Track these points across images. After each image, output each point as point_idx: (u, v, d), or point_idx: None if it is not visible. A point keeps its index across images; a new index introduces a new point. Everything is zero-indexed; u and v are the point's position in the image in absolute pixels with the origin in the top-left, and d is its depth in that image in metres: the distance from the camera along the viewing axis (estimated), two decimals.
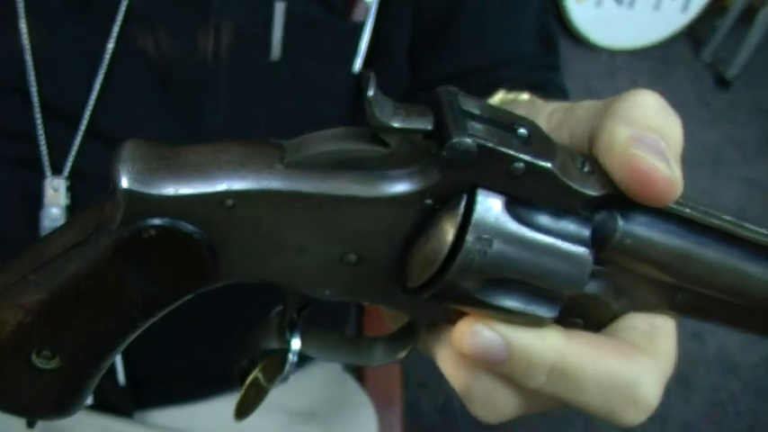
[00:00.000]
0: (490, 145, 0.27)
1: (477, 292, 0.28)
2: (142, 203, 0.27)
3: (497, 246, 0.28)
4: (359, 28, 0.60)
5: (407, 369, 1.72)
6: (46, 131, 0.55)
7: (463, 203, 0.28)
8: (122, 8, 0.53)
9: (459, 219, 0.28)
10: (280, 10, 0.56)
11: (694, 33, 2.68)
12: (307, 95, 0.59)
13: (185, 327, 0.61)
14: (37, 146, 0.55)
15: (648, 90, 0.31)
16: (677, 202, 0.31)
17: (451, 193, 0.28)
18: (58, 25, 0.54)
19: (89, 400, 0.59)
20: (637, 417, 0.31)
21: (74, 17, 0.53)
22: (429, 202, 0.28)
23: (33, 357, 0.30)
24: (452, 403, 1.71)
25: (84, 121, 0.55)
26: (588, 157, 0.30)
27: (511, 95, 0.53)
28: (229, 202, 0.27)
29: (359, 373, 0.85)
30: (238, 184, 0.27)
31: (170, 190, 0.27)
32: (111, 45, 0.53)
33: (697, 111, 2.52)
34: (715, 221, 0.31)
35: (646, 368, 0.30)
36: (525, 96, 0.51)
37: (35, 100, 0.54)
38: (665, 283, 0.32)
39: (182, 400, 0.68)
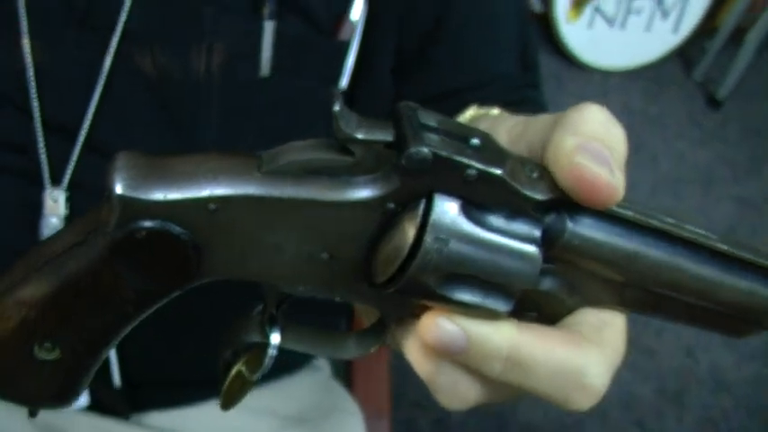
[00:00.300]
0: (444, 154, 0.30)
1: (436, 287, 0.31)
2: (135, 207, 0.29)
3: (453, 245, 0.30)
4: (345, 47, 0.62)
5: (402, 388, 1.74)
6: (46, 145, 0.58)
7: (422, 207, 0.31)
8: (119, 27, 0.56)
9: (418, 221, 0.31)
10: (269, 30, 0.58)
11: (685, 54, 2.71)
12: (295, 111, 0.62)
13: (180, 331, 0.64)
14: (37, 158, 0.58)
15: (595, 104, 0.33)
16: (621, 206, 0.33)
17: (411, 197, 0.31)
18: (58, 43, 0.56)
19: (86, 401, 0.62)
20: (585, 402, 0.33)
21: (74, 35, 0.56)
22: (391, 205, 0.31)
23: (36, 349, 0.33)
24: (447, 421, 1.73)
25: (83, 135, 0.58)
26: (539, 165, 0.32)
27: (482, 111, 0.56)
28: (212, 206, 0.30)
29: (349, 386, 0.87)
30: (220, 190, 0.29)
31: (159, 195, 0.29)
32: (108, 62, 0.56)
33: (688, 130, 2.55)
34: (656, 223, 0.34)
35: (592, 357, 0.33)
36: (495, 111, 0.54)
37: (36, 114, 0.57)
38: (614, 280, 0.34)
39: (177, 403, 0.70)
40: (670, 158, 2.45)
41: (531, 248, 0.32)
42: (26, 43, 0.56)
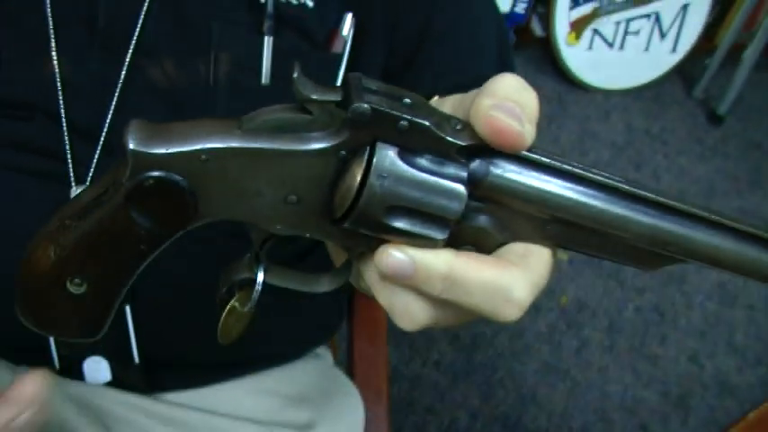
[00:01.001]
0: (380, 108, 0.37)
1: (382, 218, 0.38)
2: (144, 160, 0.37)
3: (392, 182, 0.38)
4: (338, 58, 0.70)
5: (415, 396, 1.81)
6: (71, 148, 0.66)
7: (366, 153, 0.38)
8: (133, 42, 0.64)
9: (363, 164, 0.38)
10: (268, 44, 0.67)
11: (685, 72, 2.79)
12: None
13: (196, 315, 0.72)
14: (65, 161, 0.66)
15: (511, 73, 0.41)
16: (539, 153, 0.40)
17: (358, 146, 0.38)
18: (81, 59, 0.65)
19: (108, 376, 0.70)
20: (511, 314, 0.40)
21: (95, 51, 0.65)
22: (343, 153, 0.38)
23: (68, 284, 0.41)
24: (458, 423, 1.79)
25: (103, 139, 0.66)
26: (462, 120, 0.40)
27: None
28: (204, 157, 0.37)
29: (349, 370, 0.95)
30: (209, 144, 0.37)
31: (162, 149, 0.37)
32: (123, 73, 0.65)
33: (690, 146, 2.62)
34: (567, 167, 0.40)
35: (517, 277, 0.40)
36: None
37: (63, 122, 0.65)
38: (536, 217, 0.41)
39: (194, 384, 0.78)
40: (672, 174, 2.51)
41: (457, 186, 0.39)
42: (54, 59, 0.65)
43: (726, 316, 2.15)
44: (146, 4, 0.64)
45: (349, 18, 0.70)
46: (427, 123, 0.38)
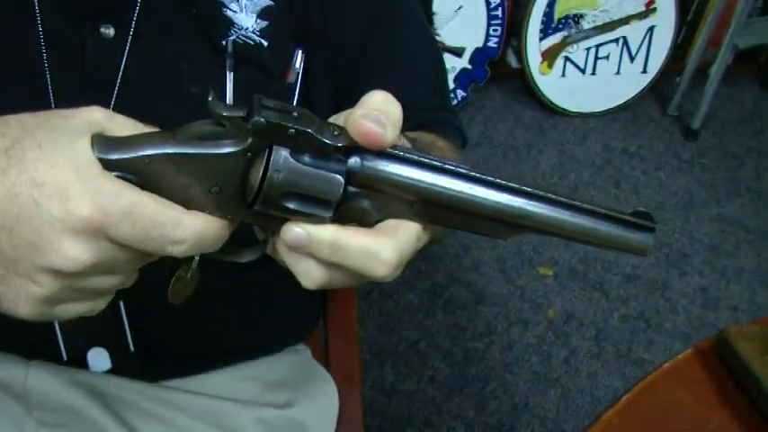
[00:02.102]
0: (274, 120, 0.48)
1: (281, 201, 0.49)
2: (105, 164, 0.47)
3: (285, 175, 0.49)
4: (292, 87, 0.82)
5: (412, 410, 1.91)
6: None
7: (266, 154, 0.49)
8: (118, 82, 0.77)
9: (264, 162, 0.49)
10: (230, 78, 0.79)
11: (659, 91, 2.92)
12: None
13: (187, 307, 0.83)
14: None
15: (380, 90, 0.51)
16: (400, 150, 0.51)
17: (260, 148, 0.49)
18: (73, 97, 0.75)
19: (107, 365, 0.82)
20: (382, 271, 0.49)
21: (85, 92, 0.74)
22: (249, 154, 0.49)
23: None
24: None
25: None
26: (340, 127, 0.51)
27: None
28: (146, 160, 0.48)
29: (325, 364, 1.06)
30: (150, 151, 0.48)
31: (116, 156, 0.48)
32: (111, 107, 0.77)
33: (668, 161, 2.73)
34: (424, 159, 0.52)
35: (385, 242, 0.50)
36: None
37: None
38: (403, 198, 0.52)
39: (187, 372, 0.89)
40: (651, 188, 2.62)
41: (336, 176, 0.50)
42: (51, 98, 0.77)
43: (710, 318, 2.24)
44: (126, 51, 0.77)
45: (300, 54, 0.83)
46: (309, 130, 0.49)
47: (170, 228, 0.48)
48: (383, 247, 0.50)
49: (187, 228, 0.49)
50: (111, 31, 0.74)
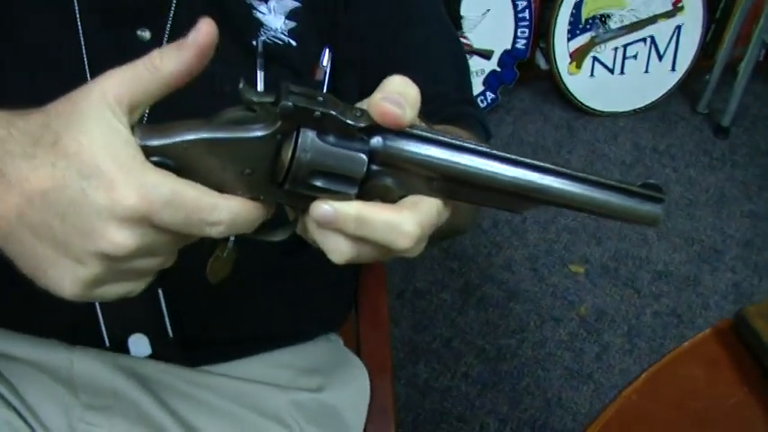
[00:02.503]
0: (301, 104, 0.51)
1: (309, 180, 0.53)
2: (145, 150, 0.51)
3: (313, 154, 0.52)
4: (320, 84, 0.85)
5: (446, 407, 1.94)
6: None
7: (294, 135, 0.52)
8: None
9: (293, 143, 0.52)
10: (260, 76, 0.83)
11: (689, 89, 2.92)
12: None
13: (224, 292, 0.87)
14: None
15: (398, 75, 0.54)
16: (419, 129, 0.54)
17: (288, 131, 0.52)
18: None
19: (147, 350, 0.86)
20: (405, 243, 0.53)
21: None
22: (279, 137, 0.52)
23: None
24: (488, 428, 1.92)
25: None
26: (362, 109, 0.54)
27: None
28: (185, 145, 0.52)
29: (357, 351, 1.10)
30: (187, 137, 0.52)
31: (156, 142, 0.52)
32: None
33: (698, 158, 2.73)
34: (441, 138, 0.55)
35: (407, 216, 0.53)
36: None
37: None
38: (423, 175, 0.55)
39: (223, 358, 0.93)
40: (681, 185, 2.63)
41: (359, 155, 0.53)
42: None
43: None
44: None
45: (327, 52, 0.87)
46: (334, 113, 0.52)
47: (207, 212, 0.51)
48: (405, 220, 0.53)
49: (223, 210, 0.52)
50: (147, 34, 0.78)
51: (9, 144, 0.49)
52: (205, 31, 0.51)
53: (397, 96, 0.53)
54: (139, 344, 0.87)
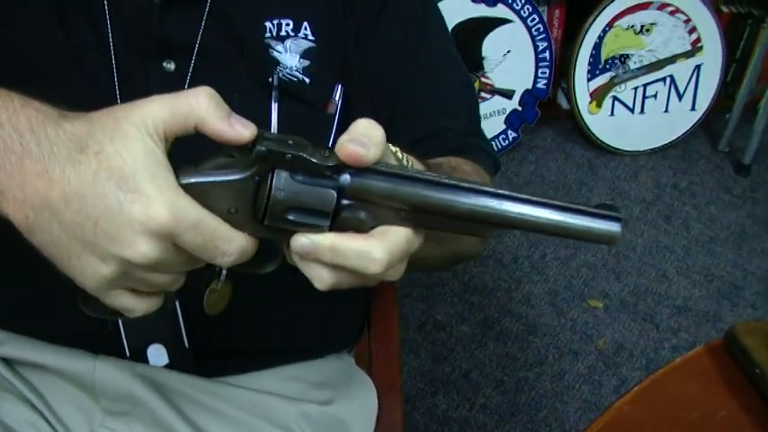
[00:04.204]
0: (273, 148, 0.57)
1: (286, 215, 0.58)
2: None
3: (287, 193, 0.58)
4: (332, 117, 0.91)
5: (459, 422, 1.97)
6: None
7: (269, 176, 0.58)
8: None
9: (268, 183, 0.58)
10: (275, 109, 0.89)
11: (708, 127, 2.96)
12: None
13: (238, 306, 0.93)
14: None
15: (365, 119, 0.59)
16: (383, 166, 0.58)
17: (264, 172, 0.58)
18: None
19: (165, 360, 0.92)
20: (376, 268, 0.57)
21: None
22: (257, 178, 0.58)
23: None
24: None
25: None
26: (330, 149, 0.59)
27: None
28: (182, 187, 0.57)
29: (368, 370, 1.15)
30: (181, 180, 0.56)
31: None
32: None
33: (719, 196, 2.75)
34: (405, 173, 0.59)
35: (376, 244, 0.57)
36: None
37: None
38: (390, 206, 0.59)
39: (237, 371, 0.98)
40: (702, 222, 2.65)
41: (329, 191, 0.58)
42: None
43: None
44: (186, 84, 0.87)
45: (339, 88, 0.93)
46: (303, 155, 0.58)
47: (223, 241, 0.58)
48: (374, 248, 0.58)
49: (234, 242, 0.59)
50: (171, 66, 0.85)
51: (57, 145, 0.55)
52: (250, 134, 0.58)
53: (361, 137, 0.58)
54: (158, 354, 0.92)
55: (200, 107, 0.57)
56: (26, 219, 0.56)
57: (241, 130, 0.57)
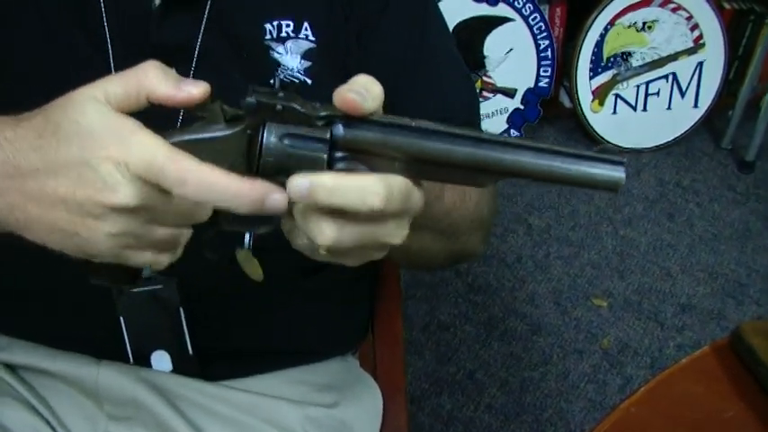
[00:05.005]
0: (262, 99, 0.57)
1: (279, 167, 0.57)
2: None
3: (280, 142, 0.57)
4: None
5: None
6: None
7: (261, 128, 0.58)
8: (180, 117, 0.82)
9: (260, 134, 0.58)
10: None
11: (711, 125, 2.95)
12: None
13: (246, 311, 0.92)
14: None
15: (364, 74, 0.59)
16: (378, 116, 0.58)
17: (256, 125, 0.58)
18: None
19: (169, 366, 0.92)
20: (375, 201, 0.55)
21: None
22: (249, 132, 0.58)
23: None
24: None
25: None
26: (322, 104, 0.58)
27: None
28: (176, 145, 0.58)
29: (373, 373, 1.14)
30: (174, 139, 0.57)
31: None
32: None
33: (723, 193, 2.74)
34: (399, 122, 0.59)
35: (374, 178, 0.56)
36: None
37: None
38: (386, 156, 0.59)
39: (241, 374, 0.97)
40: (705, 220, 2.64)
41: (322, 137, 0.58)
42: None
43: None
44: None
45: None
46: (294, 105, 0.58)
47: (206, 176, 0.57)
48: (373, 181, 0.57)
49: (222, 182, 0.57)
50: (172, 70, 0.84)
51: (17, 142, 0.57)
52: (200, 93, 0.58)
53: (359, 87, 0.58)
54: (161, 359, 0.92)
55: (148, 78, 0.57)
56: (17, 221, 0.58)
57: (189, 89, 0.58)
